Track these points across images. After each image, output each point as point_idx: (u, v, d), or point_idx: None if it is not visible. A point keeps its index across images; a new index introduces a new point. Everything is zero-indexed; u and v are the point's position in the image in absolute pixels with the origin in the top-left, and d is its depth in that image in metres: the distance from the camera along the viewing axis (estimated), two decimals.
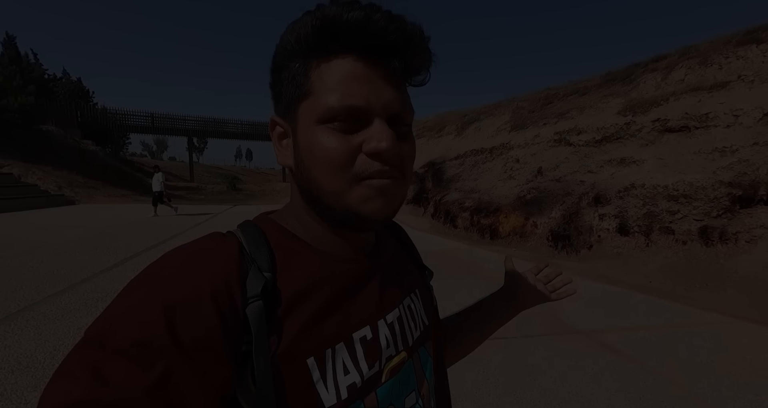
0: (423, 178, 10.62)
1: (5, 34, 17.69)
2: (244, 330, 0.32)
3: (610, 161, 6.11)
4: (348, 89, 0.35)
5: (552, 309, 3.25)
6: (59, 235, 6.24)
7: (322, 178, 0.37)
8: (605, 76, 8.84)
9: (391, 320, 0.43)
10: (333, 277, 0.39)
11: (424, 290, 0.54)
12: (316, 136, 0.36)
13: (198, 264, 0.34)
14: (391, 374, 0.41)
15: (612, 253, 4.96)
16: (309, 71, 0.36)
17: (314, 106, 0.36)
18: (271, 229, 0.41)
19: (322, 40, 0.35)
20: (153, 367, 0.27)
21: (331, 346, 0.36)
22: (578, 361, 2.37)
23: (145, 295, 0.30)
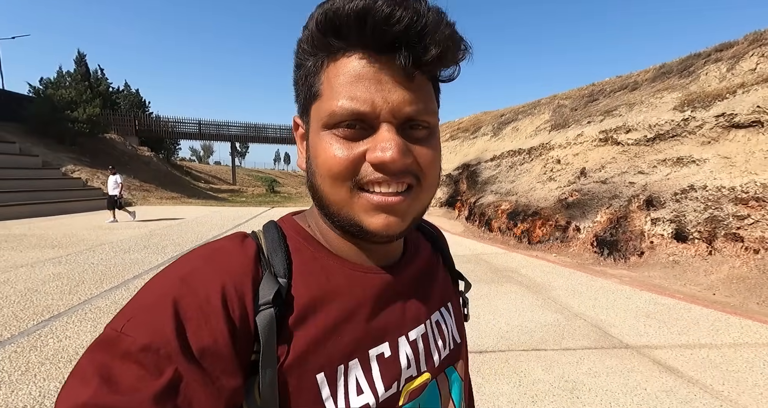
0: (457, 180, 10.39)
1: (77, 52, 19.77)
2: (254, 339, 0.31)
3: (664, 161, 5.59)
4: (352, 92, 0.32)
5: (596, 320, 3.00)
6: (117, 235, 6.81)
7: (324, 186, 0.35)
8: (659, 69, 8.14)
9: (414, 337, 0.40)
10: (352, 287, 0.37)
11: (457, 303, 0.49)
12: (322, 142, 0.34)
13: (214, 267, 0.33)
14: (411, 397, 0.38)
15: (667, 261, 4.52)
16: (320, 71, 0.34)
17: (321, 110, 0.34)
18: (293, 232, 0.39)
19: (326, 37, 0.32)
20: (162, 373, 0.27)
21: (343, 362, 0.34)
22: (627, 378, 2.15)
23: (159, 296, 0.30)
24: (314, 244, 0.38)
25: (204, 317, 0.29)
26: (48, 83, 16.98)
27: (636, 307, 3.28)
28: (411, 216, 0.36)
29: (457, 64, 0.35)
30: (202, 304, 0.30)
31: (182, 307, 0.29)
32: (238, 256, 0.34)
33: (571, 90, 10.68)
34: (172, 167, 23.28)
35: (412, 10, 0.30)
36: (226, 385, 0.29)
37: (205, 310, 0.30)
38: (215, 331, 0.29)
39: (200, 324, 0.29)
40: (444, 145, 13.30)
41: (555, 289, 3.83)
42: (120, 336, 0.28)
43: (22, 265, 4.41)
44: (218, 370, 0.29)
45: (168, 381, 0.27)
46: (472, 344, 2.61)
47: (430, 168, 0.35)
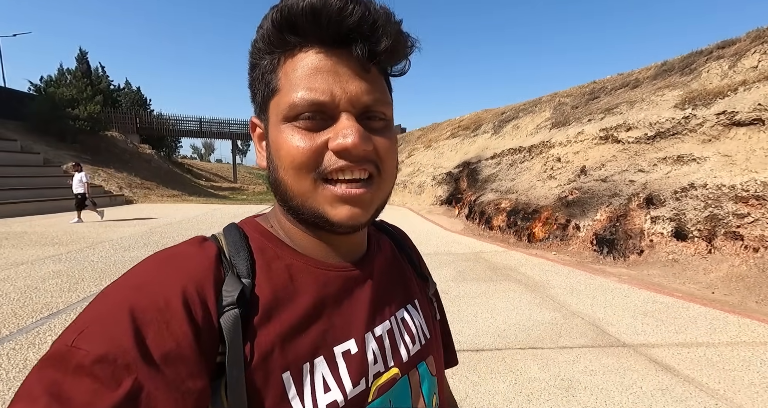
0: (458, 178, 10.38)
1: (79, 50, 19.78)
2: (219, 340, 0.31)
3: (664, 159, 5.57)
4: (311, 84, 0.33)
5: (593, 319, 3.00)
6: (117, 232, 6.83)
7: (288, 178, 0.35)
8: (660, 67, 8.10)
9: (380, 333, 0.40)
10: (316, 284, 0.37)
11: (424, 301, 0.49)
12: (282, 135, 0.35)
13: (171, 271, 0.32)
14: (380, 393, 0.38)
15: (666, 259, 4.51)
16: (277, 68, 0.35)
17: (280, 104, 0.35)
18: (254, 232, 0.39)
19: (282, 33, 0.33)
20: (120, 384, 0.26)
21: (309, 360, 0.34)
22: (623, 377, 2.15)
23: (114, 305, 0.29)
24: (277, 243, 0.38)
25: (164, 322, 0.29)
26: (49, 81, 16.99)
27: (634, 306, 3.27)
28: (374, 206, 0.37)
29: (407, 58, 0.36)
30: (162, 308, 0.29)
31: (140, 314, 0.28)
32: (198, 259, 0.34)
33: (572, 88, 10.63)
34: (173, 165, 23.30)
35: (363, 4, 0.32)
36: (192, 388, 0.28)
37: (165, 314, 0.29)
38: (178, 335, 0.29)
39: (161, 329, 0.28)
40: (444, 143, 13.28)
41: (553, 287, 3.83)
42: (71, 350, 0.27)
43: (22, 262, 4.43)
44: (183, 374, 0.28)
45: (126, 392, 0.26)
46: (468, 342, 2.62)
47: (388, 157, 0.37)
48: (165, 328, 0.28)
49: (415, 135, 17.74)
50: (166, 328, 0.28)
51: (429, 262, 2.92)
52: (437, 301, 0.54)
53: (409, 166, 13.88)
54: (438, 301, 0.54)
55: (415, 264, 0.52)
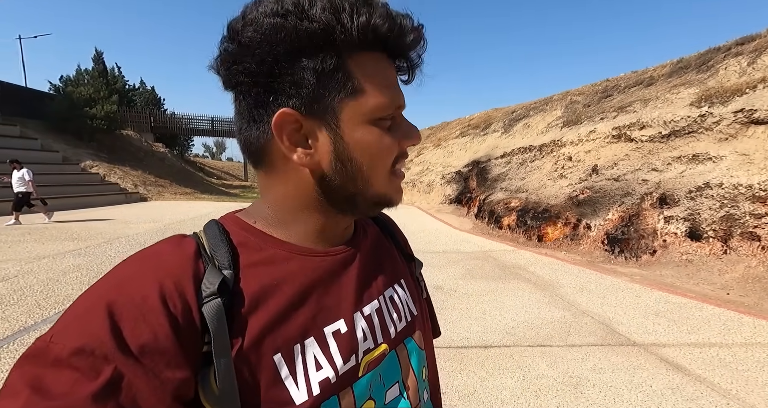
0: (467, 177, 10.33)
1: (95, 50, 20.28)
2: (204, 331, 0.31)
3: (679, 158, 5.47)
4: (392, 91, 0.37)
5: (603, 318, 2.99)
6: (133, 229, 7.01)
7: (373, 176, 0.38)
8: (676, 64, 7.93)
9: (369, 312, 0.42)
10: (302, 270, 0.38)
11: (411, 280, 0.52)
12: (372, 135, 0.37)
13: (148, 268, 0.33)
14: (370, 368, 0.40)
15: (680, 259, 4.43)
16: (349, 67, 0.35)
17: (365, 106, 0.36)
18: (235, 227, 0.40)
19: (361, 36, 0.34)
20: (99, 373, 0.27)
21: (299, 342, 0.35)
22: (633, 375, 2.15)
23: (92, 302, 0.30)
24: (260, 235, 0.39)
25: (141, 315, 0.29)
26: (68, 81, 17.46)
27: (645, 306, 3.24)
28: None
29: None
30: (138, 303, 0.30)
31: (117, 309, 0.29)
32: (175, 255, 0.34)
33: (584, 86, 10.48)
34: (185, 163, 23.72)
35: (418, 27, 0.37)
36: (171, 378, 0.29)
37: (141, 308, 0.30)
38: (154, 327, 0.29)
39: (137, 322, 0.29)
40: (454, 142, 13.22)
41: (563, 286, 3.81)
42: (49, 345, 0.28)
43: (44, 256, 4.59)
44: (161, 364, 0.29)
45: (107, 380, 0.27)
46: (476, 339, 2.63)
47: None
48: (142, 321, 0.29)
49: (425, 134, 17.70)
50: (143, 321, 0.29)
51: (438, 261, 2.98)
52: (423, 281, 0.57)
53: (418, 164, 13.87)
54: (423, 282, 0.57)
55: (400, 245, 0.54)
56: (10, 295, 3.20)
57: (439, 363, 2.32)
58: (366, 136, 0.37)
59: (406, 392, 0.43)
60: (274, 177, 0.39)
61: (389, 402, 0.41)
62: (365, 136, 0.37)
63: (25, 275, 3.79)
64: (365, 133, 0.37)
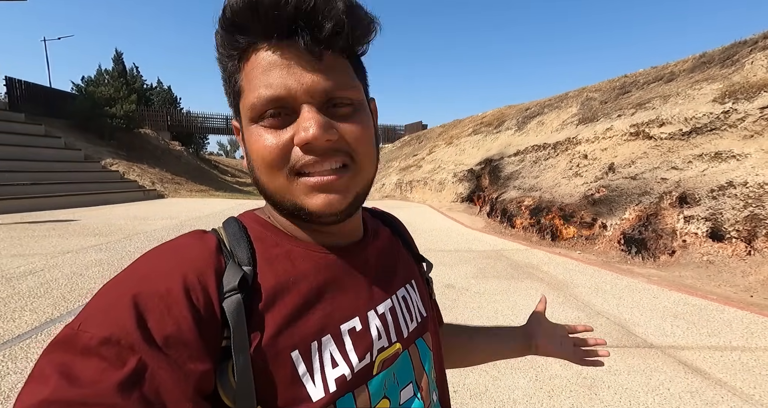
0: (479, 175, 10.24)
1: (115, 51, 20.83)
2: (223, 325, 0.32)
3: (700, 156, 5.30)
4: (266, 81, 0.33)
5: (619, 319, 2.93)
6: (151, 225, 7.20)
7: (264, 177, 0.36)
8: (698, 59, 7.67)
9: (383, 311, 0.42)
10: (318, 268, 0.38)
11: (420, 281, 0.52)
12: (252, 136, 0.35)
13: (172, 261, 0.33)
14: (385, 366, 0.40)
15: (700, 260, 4.31)
16: (239, 70, 0.36)
17: (245, 105, 0.35)
18: (253, 223, 0.40)
19: (232, 35, 0.34)
20: (125, 363, 0.27)
21: (317, 339, 0.35)
22: (650, 378, 2.10)
23: (118, 294, 0.30)
24: (275, 232, 0.40)
25: (166, 307, 0.30)
26: (89, 81, 17.99)
27: (663, 307, 3.16)
28: (353, 192, 0.37)
29: (363, 38, 0.35)
30: (163, 295, 0.30)
31: (142, 301, 0.29)
32: (198, 249, 0.35)
33: (601, 82, 10.24)
34: (201, 161, 24.19)
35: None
36: (194, 370, 0.29)
37: (166, 300, 0.30)
38: (178, 319, 0.30)
39: (162, 314, 0.29)
40: (466, 140, 13.10)
41: (577, 286, 3.75)
42: (78, 333, 0.28)
43: (68, 251, 4.77)
44: (184, 356, 0.29)
45: (132, 370, 0.27)
46: None
47: (359, 143, 0.36)
48: (166, 313, 0.29)
49: (436, 132, 17.59)
50: (167, 313, 0.29)
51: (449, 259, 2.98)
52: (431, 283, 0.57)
53: (429, 163, 13.80)
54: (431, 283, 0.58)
55: (410, 246, 0.55)
56: (38, 288, 3.34)
57: None
58: (249, 137, 0.36)
59: (420, 393, 0.43)
60: None
61: (404, 402, 0.41)
62: (248, 136, 0.36)
63: (50, 269, 3.95)
64: (249, 133, 0.36)
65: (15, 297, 3.10)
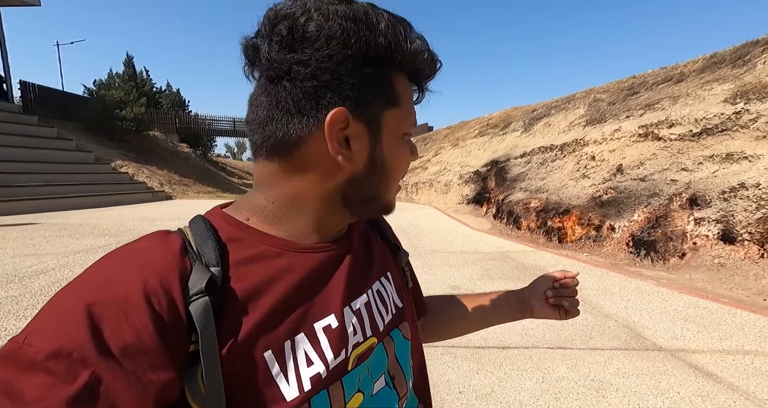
0: (485, 177, 10.19)
1: (126, 54, 21.18)
2: (190, 330, 0.31)
3: (711, 157, 5.21)
4: (413, 111, 0.42)
5: (627, 321, 2.89)
6: (159, 226, 7.29)
7: (392, 183, 0.43)
8: (709, 59, 7.57)
9: (358, 306, 0.42)
10: (293, 267, 0.38)
11: (396, 272, 0.53)
12: (403, 149, 0.42)
13: (130, 265, 0.31)
14: (360, 361, 0.40)
15: (711, 263, 4.23)
16: (393, 81, 0.38)
17: (403, 119, 0.40)
18: (223, 223, 0.38)
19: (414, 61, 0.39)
20: (76, 377, 0.26)
21: (290, 338, 0.35)
22: (659, 381, 2.07)
23: (69, 303, 0.29)
24: (249, 231, 0.38)
25: (123, 315, 0.28)
26: (100, 84, 18.32)
27: (673, 310, 3.11)
28: None
29: None
30: (120, 302, 0.28)
31: (97, 309, 0.28)
32: (160, 252, 0.33)
33: (609, 83, 10.14)
34: (208, 163, 24.44)
35: (438, 63, 0.41)
36: (155, 380, 0.28)
37: (123, 308, 0.28)
38: (137, 327, 0.28)
39: (119, 322, 0.28)
40: (472, 142, 13.07)
41: (585, 288, 3.71)
42: (22, 347, 0.26)
43: (78, 251, 4.85)
44: (144, 366, 0.28)
45: (83, 385, 0.25)
46: (494, 339, 2.60)
47: None
48: (124, 322, 0.28)
49: (442, 133, 17.58)
50: (125, 321, 0.28)
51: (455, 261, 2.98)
52: (410, 271, 0.58)
53: (435, 164, 13.78)
54: (410, 271, 0.58)
55: (386, 235, 0.55)
56: (49, 287, 3.40)
57: (456, 362, 2.32)
58: (397, 148, 0.41)
59: (392, 382, 0.44)
60: (295, 172, 0.38)
61: (376, 393, 0.41)
62: (397, 147, 0.41)
63: (61, 268, 4.02)
64: (397, 144, 0.41)
65: (27, 295, 3.16)
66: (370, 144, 0.38)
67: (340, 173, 0.38)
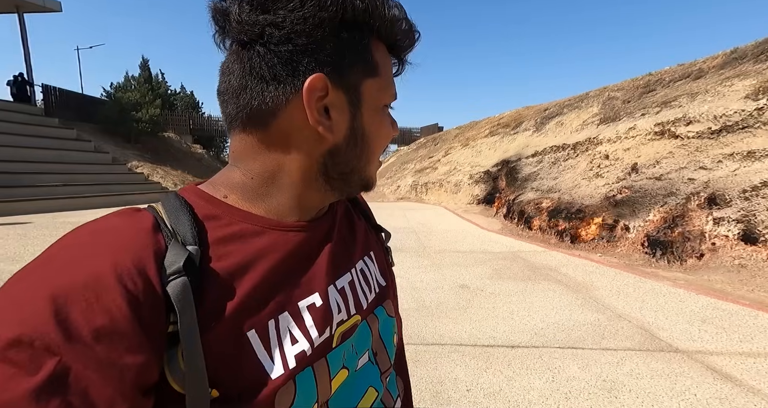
0: (496, 177, 10.09)
1: (142, 58, 21.71)
2: (168, 310, 0.29)
3: (731, 155, 5.04)
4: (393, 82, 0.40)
5: (642, 322, 2.81)
6: None
7: (372, 157, 0.41)
8: (729, 55, 7.34)
9: (342, 285, 0.42)
10: (275, 245, 0.36)
11: (379, 251, 0.53)
12: (384, 121, 0.40)
13: (100, 244, 0.29)
14: (344, 338, 0.40)
15: (731, 264, 4.09)
16: (372, 48, 0.36)
17: (382, 90, 0.38)
18: (200, 200, 0.36)
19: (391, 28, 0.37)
20: (40, 367, 0.23)
21: (273, 317, 0.34)
22: (675, 382, 2.00)
23: (32, 284, 0.26)
24: (228, 209, 0.36)
25: (94, 296, 0.26)
26: (117, 87, 18.81)
27: (690, 311, 3.01)
28: None
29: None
30: (89, 285, 0.26)
31: (63, 291, 0.25)
32: (131, 229, 0.31)
33: (624, 81, 9.92)
34: (220, 164, 24.82)
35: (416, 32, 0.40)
36: (131, 364, 0.26)
37: (94, 289, 0.26)
38: (110, 309, 0.26)
39: (90, 305, 0.26)
40: (483, 141, 12.95)
41: (597, 289, 3.63)
42: None
43: None
44: (120, 350, 0.26)
45: (49, 374, 0.23)
46: (503, 338, 2.56)
47: None
48: (95, 304, 0.26)
49: (452, 133, 17.47)
50: (96, 304, 0.26)
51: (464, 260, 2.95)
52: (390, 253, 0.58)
53: (445, 164, 13.70)
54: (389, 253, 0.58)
55: (368, 216, 0.55)
56: None
57: (464, 360, 2.29)
58: (377, 118, 0.39)
59: (375, 358, 0.45)
60: (273, 145, 0.36)
61: (359, 368, 0.42)
62: (376, 118, 0.39)
63: None
64: (378, 116, 0.39)
65: None
66: (350, 113, 0.36)
67: (321, 144, 0.36)
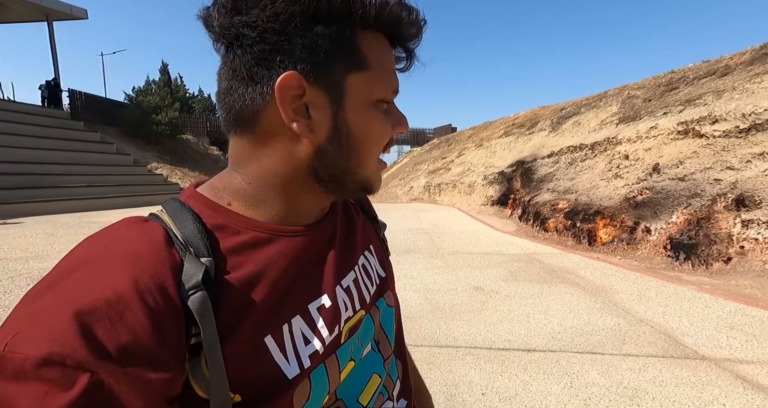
0: (510, 177, 9.94)
1: (161, 62, 22.41)
2: (190, 323, 0.29)
3: (761, 155, 4.82)
4: (393, 76, 0.37)
5: (665, 328, 2.71)
6: None
7: (366, 158, 0.38)
8: (759, 50, 7.04)
9: (348, 284, 0.43)
10: (284, 252, 0.37)
11: (377, 243, 0.53)
12: (376, 120, 0.36)
13: (117, 259, 0.29)
14: (351, 333, 0.41)
15: (762, 269, 3.90)
16: (358, 40, 0.34)
17: (373, 84, 0.35)
18: (206, 208, 0.36)
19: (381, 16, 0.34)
20: (74, 382, 0.24)
21: (287, 322, 0.35)
22: (702, 391, 1.92)
23: (54, 302, 0.26)
24: (235, 218, 0.36)
25: (117, 315, 0.26)
26: (138, 91, 19.42)
27: (717, 317, 2.89)
28: None
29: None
30: (113, 302, 0.26)
31: (86, 309, 0.25)
32: (145, 244, 0.31)
33: (645, 79, 9.65)
34: None
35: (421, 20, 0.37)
36: (155, 379, 0.27)
37: (117, 307, 0.26)
38: (133, 327, 0.26)
39: (114, 323, 0.26)
40: (497, 142, 12.80)
41: (617, 292, 3.52)
42: (5, 355, 0.23)
43: None
44: (144, 365, 0.26)
45: (84, 389, 0.24)
46: (519, 342, 2.51)
47: None
48: (118, 322, 0.26)
49: (466, 134, 17.32)
50: (119, 322, 0.26)
51: (478, 262, 2.91)
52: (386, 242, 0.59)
53: (459, 165, 13.58)
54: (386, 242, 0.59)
55: (365, 208, 0.55)
56: None
57: (479, 363, 2.25)
58: (366, 116, 0.36)
59: (377, 346, 0.47)
60: (261, 147, 0.36)
61: (364, 357, 0.44)
62: (366, 115, 0.36)
63: None
64: (366, 112, 0.36)
65: None
66: (332, 111, 0.35)
67: (303, 145, 0.35)
